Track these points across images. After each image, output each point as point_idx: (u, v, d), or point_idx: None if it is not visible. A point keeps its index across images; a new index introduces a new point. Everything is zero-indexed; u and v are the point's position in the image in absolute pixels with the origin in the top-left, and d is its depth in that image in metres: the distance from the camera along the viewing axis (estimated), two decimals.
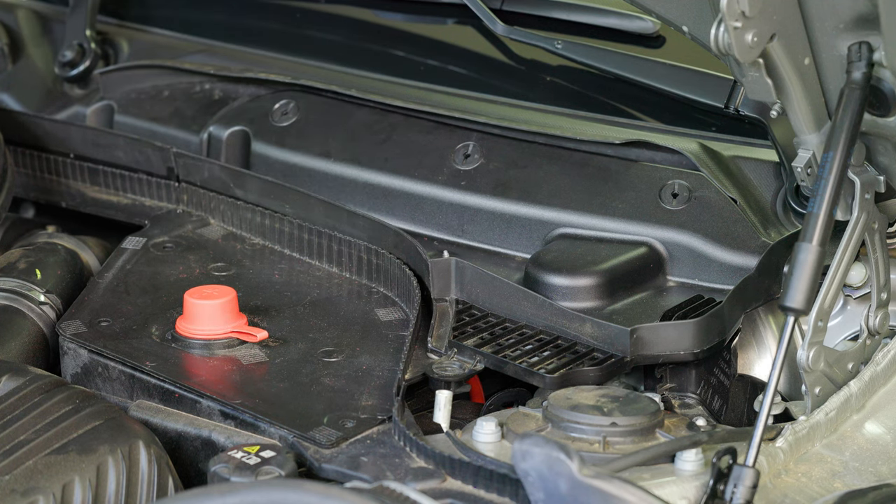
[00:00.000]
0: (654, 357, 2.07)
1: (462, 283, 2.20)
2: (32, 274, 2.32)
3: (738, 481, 1.72)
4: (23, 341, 2.22)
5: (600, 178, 2.36)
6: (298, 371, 2.07)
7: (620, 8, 2.60)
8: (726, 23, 1.80)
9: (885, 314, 2.09)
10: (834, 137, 1.84)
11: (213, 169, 2.51)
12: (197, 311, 2.12)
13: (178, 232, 2.46)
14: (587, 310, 2.14)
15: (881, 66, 1.84)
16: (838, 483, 1.87)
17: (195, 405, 2.00)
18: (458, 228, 2.39)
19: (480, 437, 1.88)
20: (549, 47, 2.60)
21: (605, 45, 2.58)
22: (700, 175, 2.30)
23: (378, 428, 1.92)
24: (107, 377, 2.09)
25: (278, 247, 2.42)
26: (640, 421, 1.84)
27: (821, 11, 1.85)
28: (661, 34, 2.59)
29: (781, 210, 2.29)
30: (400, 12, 2.83)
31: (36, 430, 1.87)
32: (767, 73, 1.89)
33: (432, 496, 1.72)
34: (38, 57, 2.99)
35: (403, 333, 2.15)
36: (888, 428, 1.99)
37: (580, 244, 2.28)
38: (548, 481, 1.63)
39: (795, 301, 1.80)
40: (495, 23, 2.66)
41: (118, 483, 1.84)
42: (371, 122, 2.55)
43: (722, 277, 2.22)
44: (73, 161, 2.66)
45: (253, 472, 1.79)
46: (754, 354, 2.25)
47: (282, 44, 2.83)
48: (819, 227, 1.81)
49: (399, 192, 2.45)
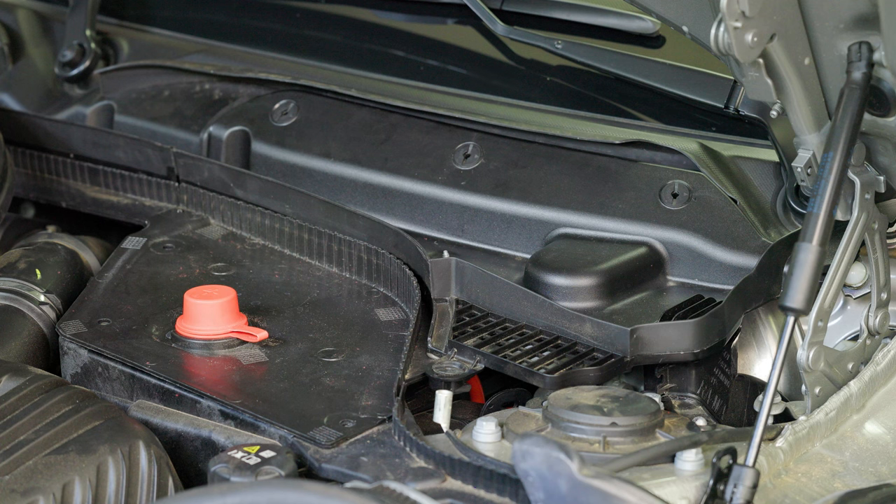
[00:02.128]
0: (654, 357, 2.07)
1: (462, 282, 2.20)
2: (32, 274, 2.32)
3: (738, 481, 1.72)
4: (23, 341, 2.22)
5: (600, 178, 2.36)
6: (298, 371, 2.07)
7: (620, 8, 2.60)
8: (726, 23, 1.80)
9: (885, 314, 2.09)
10: (834, 137, 1.84)
11: (214, 169, 2.51)
12: (197, 311, 2.12)
13: (178, 232, 2.46)
14: (587, 310, 2.14)
15: (881, 66, 1.84)
16: (838, 483, 1.87)
17: (195, 405, 2.00)
18: (458, 228, 2.39)
19: (480, 437, 1.87)
20: (549, 47, 2.60)
21: (605, 45, 2.58)
22: (700, 175, 2.30)
23: (378, 428, 1.92)
24: (107, 377, 2.09)
25: (278, 247, 2.42)
26: (640, 421, 1.84)
27: (821, 11, 1.85)
28: (661, 34, 2.59)
29: (781, 210, 2.29)
30: (400, 12, 2.83)
31: (36, 430, 1.87)
32: (767, 73, 1.89)
33: (432, 496, 1.72)
34: (38, 57, 2.98)
35: (403, 333, 2.15)
36: (888, 428, 1.99)
37: (580, 244, 2.28)
38: (548, 481, 1.63)
39: (795, 301, 1.80)
40: (495, 23, 2.66)
41: (118, 483, 1.84)
42: (371, 122, 2.55)
43: (722, 277, 2.22)
44: (73, 161, 2.66)
45: (253, 472, 1.79)
46: (754, 354, 2.25)
47: (282, 44, 2.82)
48: (819, 227, 1.81)
49: (399, 192, 2.44)
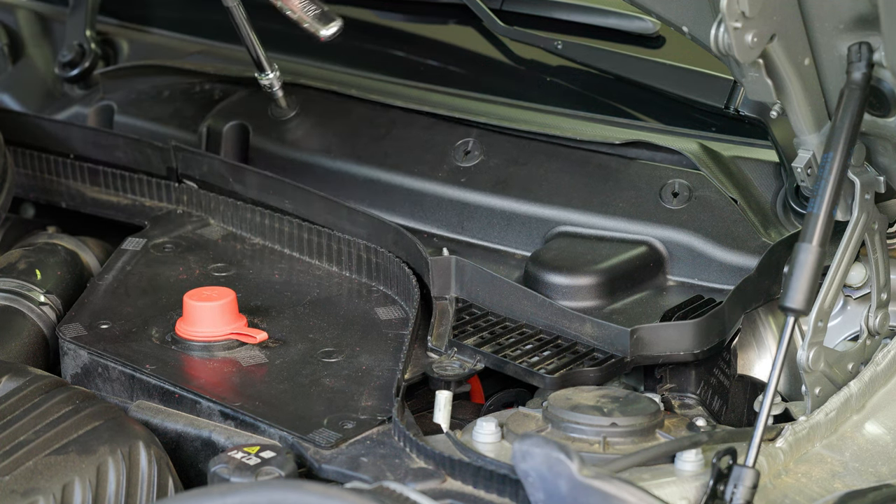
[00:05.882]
0: (654, 357, 2.07)
1: (462, 281, 2.20)
2: (32, 274, 2.32)
3: (738, 482, 1.71)
4: (23, 342, 2.22)
5: (601, 176, 2.36)
6: (298, 372, 2.07)
7: (620, 8, 2.60)
8: (726, 23, 1.80)
9: (885, 314, 2.09)
10: (834, 138, 1.84)
11: (213, 163, 2.51)
12: (196, 313, 2.12)
13: (178, 232, 2.46)
14: (587, 309, 2.14)
15: (881, 67, 1.84)
16: (838, 483, 1.87)
17: (195, 406, 2.00)
18: (457, 225, 2.39)
19: (480, 438, 1.87)
20: (549, 47, 2.60)
21: (605, 45, 2.58)
22: (700, 174, 2.30)
23: (378, 428, 1.92)
24: (107, 378, 2.09)
25: (278, 247, 2.42)
26: (640, 421, 1.84)
27: (821, 11, 1.85)
28: (661, 34, 2.59)
29: (781, 210, 2.29)
30: (400, 12, 2.83)
31: (36, 430, 1.87)
32: (767, 74, 1.89)
33: (432, 497, 1.71)
34: (38, 57, 2.99)
35: (403, 332, 2.15)
36: (888, 428, 1.99)
37: (580, 243, 2.28)
38: (548, 482, 1.63)
39: (795, 301, 1.80)
40: (495, 23, 2.66)
41: (118, 483, 1.84)
42: (371, 117, 2.55)
43: (722, 277, 2.22)
44: (73, 161, 2.65)
45: (253, 473, 1.79)
46: (754, 354, 2.25)
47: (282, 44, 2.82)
48: (819, 228, 1.81)
49: (399, 188, 2.45)
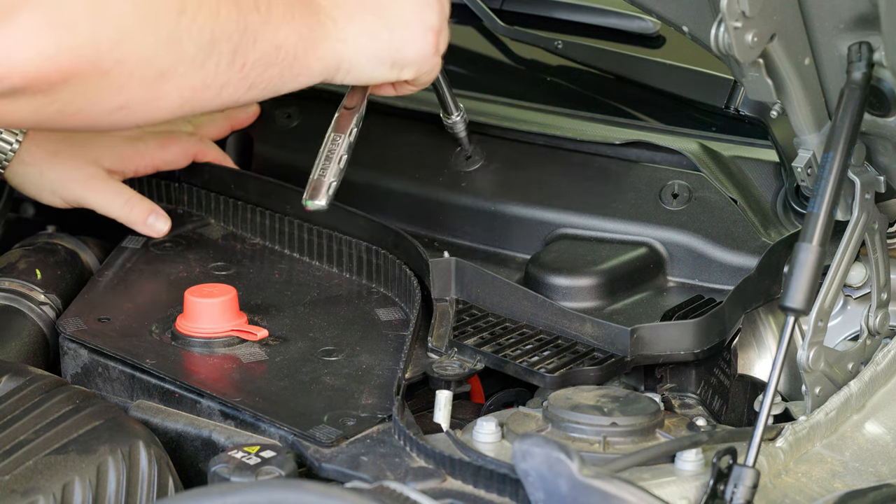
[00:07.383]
0: (654, 357, 2.07)
1: (462, 282, 2.20)
2: (32, 274, 2.32)
3: (738, 481, 1.71)
4: (23, 341, 2.22)
5: (600, 178, 2.36)
6: (298, 370, 2.07)
7: (620, 8, 2.60)
8: (726, 23, 1.80)
9: (885, 314, 2.09)
10: (834, 137, 1.84)
11: (214, 170, 2.51)
12: (197, 310, 2.12)
13: (178, 231, 2.46)
14: (587, 310, 2.14)
15: (881, 66, 1.84)
16: (838, 483, 1.87)
17: (195, 405, 2.00)
18: (458, 230, 2.39)
19: (480, 437, 1.87)
20: (549, 47, 2.60)
21: (605, 45, 2.58)
22: (700, 175, 2.30)
23: (378, 427, 1.92)
24: (107, 377, 2.09)
25: (278, 247, 2.42)
26: (640, 421, 1.84)
27: (821, 11, 1.85)
28: (661, 34, 2.59)
29: (781, 210, 2.29)
30: None
31: (36, 430, 1.87)
32: (767, 73, 1.89)
33: (432, 496, 1.71)
34: None
35: (403, 333, 2.15)
36: (888, 428, 1.99)
37: (580, 244, 2.28)
38: (548, 481, 1.63)
39: (795, 301, 1.80)
40: (495, 22, 2.66)
41: (118, 483, 1.84)
42: (371, 123, 2.54)
43: (722, 277, 2.22)
44: None
45: (253, 472, 1.79)
46: (754, 354, 2.25)
47: None
48: (819, 227, 1.81)
49: (399, 193, 2.44)
